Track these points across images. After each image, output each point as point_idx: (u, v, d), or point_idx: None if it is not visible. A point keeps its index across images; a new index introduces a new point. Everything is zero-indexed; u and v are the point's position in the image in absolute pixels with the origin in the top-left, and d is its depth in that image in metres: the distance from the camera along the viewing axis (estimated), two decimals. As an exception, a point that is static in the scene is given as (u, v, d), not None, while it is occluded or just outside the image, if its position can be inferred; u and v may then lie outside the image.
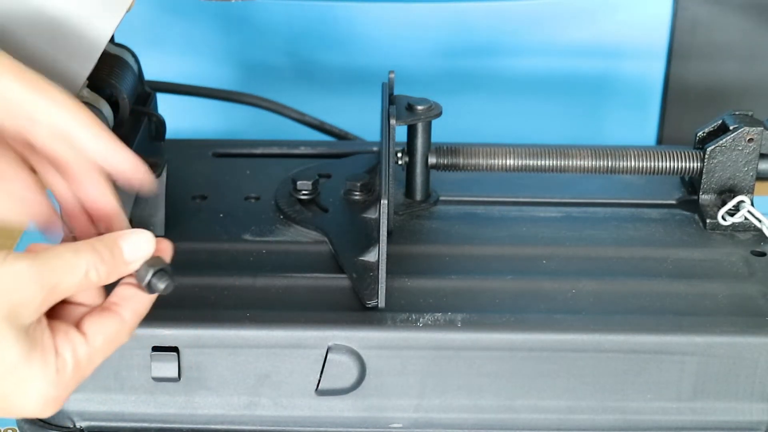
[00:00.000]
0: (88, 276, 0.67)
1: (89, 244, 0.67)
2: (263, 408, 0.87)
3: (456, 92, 1.13)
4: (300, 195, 1.03)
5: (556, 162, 1.00)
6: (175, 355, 0.86)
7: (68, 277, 0.66)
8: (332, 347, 0.86)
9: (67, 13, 0.82)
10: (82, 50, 0.84)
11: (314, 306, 0.88)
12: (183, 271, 0.92)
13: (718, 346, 0.86)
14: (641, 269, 0.94)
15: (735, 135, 0.99)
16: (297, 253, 0.95)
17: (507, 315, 0.87)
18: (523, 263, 0.94)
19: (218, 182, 1.07)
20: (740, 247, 0.97)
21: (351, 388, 0.87)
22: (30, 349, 0.65)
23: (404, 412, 0.88)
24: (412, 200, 1.03)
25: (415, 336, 0.86)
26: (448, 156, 1.01)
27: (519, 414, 0.88)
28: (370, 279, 0.89)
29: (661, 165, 1.00)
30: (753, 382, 0.86)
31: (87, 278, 0.67)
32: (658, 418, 0.87)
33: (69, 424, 0.87)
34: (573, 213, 1.02)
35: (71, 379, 0.67)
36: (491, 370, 0.86)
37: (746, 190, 1.00)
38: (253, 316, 0.87)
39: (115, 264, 0.68)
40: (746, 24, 1.30)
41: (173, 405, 0.87)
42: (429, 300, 0.89)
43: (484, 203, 1.03)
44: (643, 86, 1.34)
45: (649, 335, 0.86)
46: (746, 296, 0.90)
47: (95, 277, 0.67)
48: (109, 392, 0.87)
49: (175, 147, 1.08)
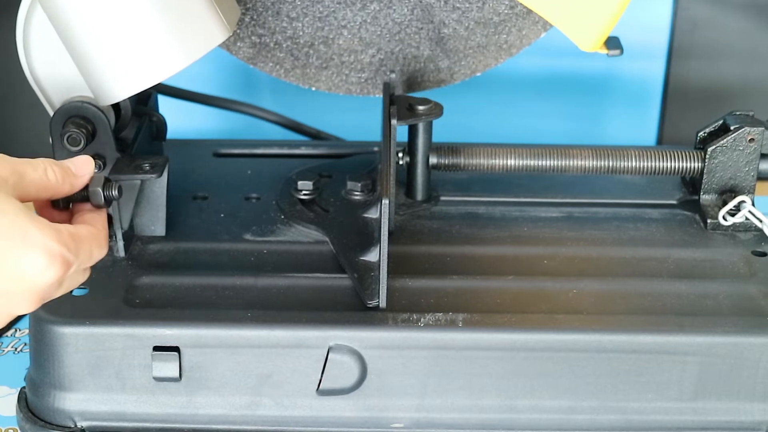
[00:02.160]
0: (47, 174, 0.77)
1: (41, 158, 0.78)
2: (264, 408, 0.87)
3: (457, 92, 1.12)
4: (301, 195, 1.03)
5: (557, 162, 1.00)
6: (177, 354, 0.86)
7: (31, 170, 0.76)
8: (333, 347, 0.86)
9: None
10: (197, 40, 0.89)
11: (315, 306, 0.88)
12: (184, 271, 0.92)
13: (719, 346, 0.86)
14: (642, 269, 0.94)
15: (736, 135, 0.99)
16: (298, 253, 0.95)
17: (508, 315, 0.87)
18: (525, 263, 0.94)
19: (219, 182, 1.07)
20: (741, 247, 0.97)
21: (352, 388, 0.87)
22: (25, 209, 0.72)
23: (405, 412, 0.88)
24: (413, 200, 1.03)
25: (416, 336, 0.86)
26: (449, 156, 1.01)
27: (520, 414, 0.87)
28: (371, 279, 0.89)
29: (662, 165, 1.00)
30: (754, 382, 0.86)
31: (46, 176, 0.77)
32: (659, 418, 0.87)
33: (70, 423, 0.87)
34: (574, 213, 1.02)
35: (69, 242, 0.74)
36: (492, 370, 0.86)
37: (747, 190, 1.00)
38: (255, 316, 0.87)
39: (66, 172, 0.79)
40: (746, 24, 1.30)
41: (174, 405, 0.87)
42: (430, 300, 0.89)
43: (485, 203, 1.03)
44: (643, 86, 1.34)
45: (650, 335, 0.86)
46: (747, 296, 0.90)
47: (52, 177, 0.77)
48: (111, 392, 0.87)
49: (176, 147, 1.08)
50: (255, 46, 1.06)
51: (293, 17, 1.05)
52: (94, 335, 0.86)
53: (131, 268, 0.93)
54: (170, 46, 0.87)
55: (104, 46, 0.87)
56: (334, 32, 1.07)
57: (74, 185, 0.80)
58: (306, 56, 1.08)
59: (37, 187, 0.76)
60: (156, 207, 0.96)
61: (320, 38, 1.07)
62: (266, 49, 1.07)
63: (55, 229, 0.73)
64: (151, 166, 0.93)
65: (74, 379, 0.87)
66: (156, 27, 0.87)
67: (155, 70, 0.88)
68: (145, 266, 0.93)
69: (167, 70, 0.88)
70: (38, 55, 0.92)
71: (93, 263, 0.79)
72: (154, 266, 0.93)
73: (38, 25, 0.91)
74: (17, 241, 0.71)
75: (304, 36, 1.06)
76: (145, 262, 0.94)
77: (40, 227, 0.72)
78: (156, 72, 0.88)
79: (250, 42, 1.06)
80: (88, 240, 0.77)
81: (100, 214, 0.82)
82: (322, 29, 1.06)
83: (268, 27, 1.05)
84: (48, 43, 0.91)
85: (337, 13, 1.05)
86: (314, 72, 1.09)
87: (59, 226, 0.74)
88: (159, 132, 1.06)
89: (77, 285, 0.80)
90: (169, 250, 0.96)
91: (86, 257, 0.77)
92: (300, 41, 1.07)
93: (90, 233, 0.78)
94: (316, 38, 1.07)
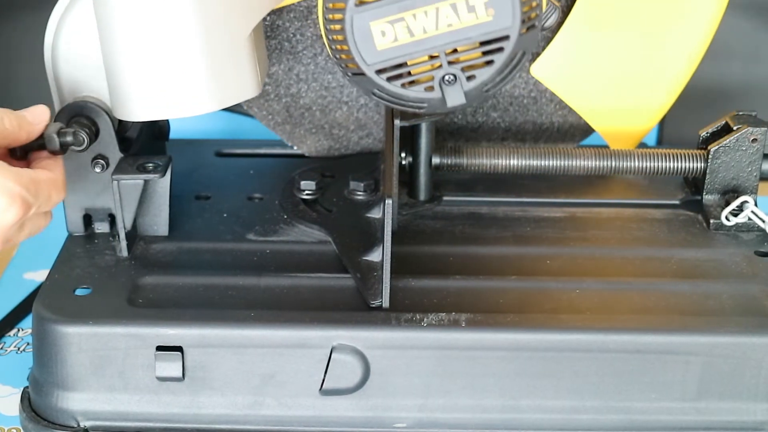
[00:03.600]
0: (3, 123, 0.83)
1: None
2: (267, 408, 0.87)
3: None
4: (304, 195, 1.03)
5: (560, 162, 1.00)
6: (180, 354, 0.86)
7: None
8: (336, 347, 0.86)
9: None
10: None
11: (318, 306, 0.88)
12: (187, 271, 0.92)
13: (722, 346, 0.86)
14: (645, 269, 0.94)
15: (739, 135, 0.99)
16: (301, 253, 0.95)
17: (511, 315, 0.87)
18: (527, 263, 0.94)
19: (222, 182, 1.07)
20: (744, 247, 0.97)
21: (355, 388, 0.87)
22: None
23: (408, 412, 0.88)
24: (415, 200, 1.03)
25: (420, 336, 0.86)
26: (451, 156, 1.01)
27: (523, 414, 0.87)
28: (374, 279, 0.89)
29: (664, 165, 1.00)
30: (757, 382, 0.86)
31: (3, 125, 0.83)
32: (662, 418, 0.87)
33: (73, 423, 0.87)
34: (577, 213, 1.02)
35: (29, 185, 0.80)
36: (495, 369, 0.86)
37: (750, 190, 1.00)
38: (258, 316, 0.87)
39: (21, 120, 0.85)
40: (747, 24, 1.30)
41: (177, 405, 0.87)
42: (433, 300, 0.89)
43: (487, 203, 1.03)
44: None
45: (653, 335, 0.86)
46: (750, 296, 0.90)
47: (9, 125, 0.83)
48: (114, 392, 0.87)
49: (178, 147, 1.09)
50: None
51: (302, 78, 1.07)
52: (98, 335, 0.86)
53: (134, 267, 0.93)
54: (206, 88, 0.88)
55: (143, 69, 0.88)
56: (334, 104, 1.09)
57: (30, 133, 0.85)
58: (300, 117, 1.10)
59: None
60: (159, 207, 0.96)
61: (319, 105, 1.09)
62: (266, 97, 1.08)
63: (16, 172, 0.79)
64: (154, 166, 0.93)
65: (77, 379, 0.87)
66: (199, 66, 0.87)
67: (183, 107, 0.89)
68: (148, 266, 0.93)
69: (194, 109, 0.89)
70: (67, 45, 0.92)
71: (52, 206, 0.85)
72: (157, 266, 0.93)
73: (75, 19, 0.91)
74: None
75: (305, 98, 1.08)
76: (148, 262, 0.94)
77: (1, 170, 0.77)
78: (183, 108, 0.89)
79: None
80: (46, 183, 0.83)
81: (57, 160, 0.87)
82: (324, 98, 1.08)
83: (275, 78, 1.06)
84: (79, 40, 0.91)
85: (344, 88, 1.07)
86: (302, 134, 1.11)
87: (19, 170, 0.80)
88: (162, 132, 1.06)
89: (39, 230, 0.87)
90: (172, 249, 0.96)
91: (45, 199, 0.82)
92: (300, 102, 1.08)
93: (48, 177, 0.83)
94: (316, 104, 1.09)
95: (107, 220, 0.97)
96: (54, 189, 0.84)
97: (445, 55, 0.81)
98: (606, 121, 1.05)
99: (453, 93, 0.83)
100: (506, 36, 0.81)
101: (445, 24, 0.80)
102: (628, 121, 1.05)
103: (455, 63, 0.82)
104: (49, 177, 0.84)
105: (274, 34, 1.04)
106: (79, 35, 0.92)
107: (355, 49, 0.81)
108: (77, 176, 0.95)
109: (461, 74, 0.82)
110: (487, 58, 0.82)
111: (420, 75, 0.82)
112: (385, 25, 0.80)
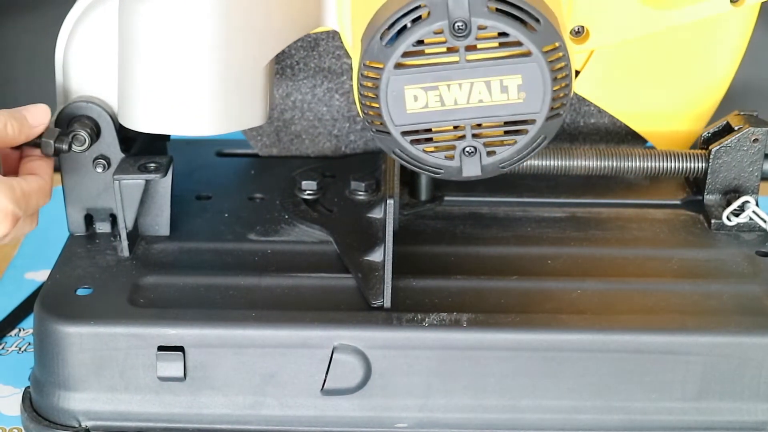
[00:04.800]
0: (6, 129, 0.85)
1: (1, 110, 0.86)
2: (268, 408, 0.87)
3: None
4: (305, 195, 1.03)
5: (561, 162, 1.00)
6: (181, 354, 0.86)
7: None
8: (338, 347, 0.86)
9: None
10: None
11: (319, 306, 0.88)
12: (188, 271, 0.92)
13: (723, 346, 0.86)
14: (646, 269, 0.94)
15: (740, 135, 0.99)
16: (302, 253, 0.95)
17: (512, 315, 0.87)
18: (528, 263, 0.94)
19: (223, 182, 1.07)
20: (745, 247, 0.97)
21: (356, 388, 0.87)
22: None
23: (409, 412, 0.88)
24: (416, 200, 1.03)
25: (421, 336, 0.86)
26: (452, 156, 1.01)
27: (524, 414, 0.88)
28: (376, 279, 0.89)
29: (666, 165, 1.00)
30: (758, 382, 0.86)
31: (5, 131, 0.85)
32: (663, 418, 0.87)
33: (74, 423, 0.87)
34: (578, 213, 1.02)
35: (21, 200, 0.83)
36: (496, 369, 0.86)
37: (751, 190, 1.00)
38: (259, 316, 0.87)
39: (22, 123, 0.86)
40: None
41: (179, 405, 0.87)
42: (434, 300, 0.89)
43: (488, 203, 1.03)
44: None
45: (654, 335, 0.86)
46: (751, 296, 0.90)
47: (11, 130, 0.86)
48: (115, 392, 0.87)
49: (179, 147, 1.08)
50: None
51: (297, 106, 1.08)
52: (99, 335, 0.86)
53: (135, 267, 0.93)
54: (215, 111, 0.89)
55: (157, 82, 0.88)
56: (324, 136, 1.10)
57: (30, 135, 0.88)
58: (289, 143, 1.11)
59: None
60: (160, 207, 0.96)
61: (310, 135, 1.10)
62: None
63: (10, 187, 0.82)
64: (155, 166, 0.93)
65: (79, 379, 0.87)
66: (213, 90, 0.88)
67: (187, 126, 0.90)
68: (149, 266, 0.93)
69: (198, 130, 0.90)
70: (80, 49, 0.92)
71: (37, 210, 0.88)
72: (159, 266, 0.93)
73: (96, 19, 0.91)
74: None
75: (297, 126, 1.09)
76: (150, 262, 0.94)
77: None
78: (186, 127, 0.90)
79: None
80: (36, 193, 0.86)
81: (48, 162, 0.90)
82: (315, 128, 1.09)
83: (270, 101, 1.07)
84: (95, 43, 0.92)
85: (336, 122, 1.09)
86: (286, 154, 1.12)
87: (12, 183, 0.83)
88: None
89: (24, 234, 0.89)
90: (174, 249, 0.96)
91: (33, 208, 0.86)
92: (291, 128, 1.09)
93: (39, 186, 0.86)
94: (306, 133, 1.10)
95: (108, 220, 0.97)
96: (42, 196, 0.87)
97: (470, 128, 0.82)
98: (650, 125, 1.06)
99: (470, 164, 0.83)
100: (533, 120, 0.82)
101: (477, 99, 0.81)
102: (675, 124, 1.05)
103: (479, 137, 0.83)
104: (39, 185, 0.86)
105: (277, 59, 1.05)
106: (92, 41, 0.92)
107: (386, 109, 0.81)
108: (79, 176, 0.95)
109: (482, 148, 0.83)
110: (509, 138, 0.83)
111: (443, 143, 0.83)
112: (418, 91, 0.81)
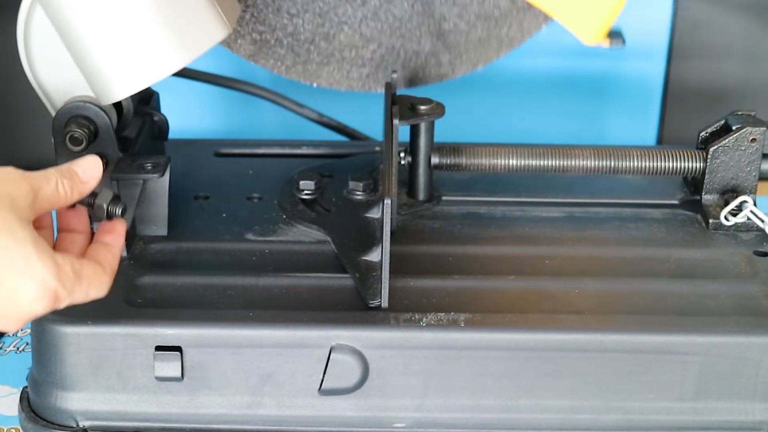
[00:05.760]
0: (58, 188, 0.78)
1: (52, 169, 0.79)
2: (266, 408, 0.87)
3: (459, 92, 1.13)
4: (302, 195, 1.03)
5: (559, 162, 1.00)
6: (178, 354, 0.86)
7: (45, 184, 0.77)
8: (335, 347, 0.86)
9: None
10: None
11: (317, 306, 0.88)
12: (185, 271, 0.92)
13: (720, 346, 0.86)
14: (644, 269, 0.94)
15: (738, 135, 0.99)
16: (300, 253, 0.95)
17: (510, 315, 0.87)
18: (526, 263, 0.94)
19: (221, 182, 1.07)
20: (743, 247, 0.97)
21: (354, 388, 0.87)
22: (35, 237, 0.73)
23: (407, 412, 0.88)
24: (414, 200, 1.03)
25: (418, 336, 0.86)
26: (450, 156, 1.01)
27: (522, 414, 0.88)
28: (373, 279, 0.89)
29: (663, 165, 1.00)
30: (755, 382, 0.86)
31: (57, 190, 0.78)
32: (660, 418, 0.87)
33: (72, 423, 0.87)
34: (575, 213, 1.02)
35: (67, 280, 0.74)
36: (494, 369, 0.86)
37: (749, 190, 1.00)
38: (256, 316, 0.87)
39: (73, 181, 0.79)
40: (746, 24, 1.30)
41: (176, 405, 0.87)
42: (432, 300, 0.89)
43: (486, 203, 1.03)
44: (643, 86, 1.34)
45: (651, 335, 0.86)
46: (749, 296, 0.90)
47: (62, 190, 0.78)
48: (112, 392, 0.87)
49: (177, 147, 1.09)
50: (256, 43, 1.06)
51: (293, 14, 1.06)
52: (96, 335, 0.86)
53: (133, 267, 0.93)
54: (169, 44, 0.87)
55: (102, 46, 0.87)
56: (334, 28, 1.07)
57: (82, 193, 0.81)
58: (307, 53, 1.08)
59: (49, 202, 0.77)
60: (158, 206, 0.96)
61: (321, 34, 1.07)
62: (267, 45, 1.07)
63: (57, 264, 0.74)
64: (153, 165, 0.93)
65: (76, 379, 0.87)
66: (154, 25, 0.87)
67: (154, 69, 0.88)
68: (146, 266, 0.93)
69: (166, 69, 0.88)
70: (39, 55, 0.92)
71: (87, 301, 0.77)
72: (156, 266, 0.93)
73: (39, 25, 0.91)
74: (18, 267, 0.72)
75: (305, 32, 1.07)
76: (147, 262, 0.94)
77: (43, 259, 0.73)
78: (155, 71, 0.88)
79: (251, 39, 1.06)
80: (88, 280, 0.77)
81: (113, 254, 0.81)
82: (322, 25, 1.07)
83: (268, 24, 1.06)
84: (49, 43, 0.91)
85: (338, 9, 1.06)
86: (315, 68, 1.09)
87: (63, 261, 0.74)
88: (161, 132, 1.06)
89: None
90: (171, 249, 0.96)
91: (81, 296, 0.76)
92: (301, 38, 1.07)
93: (94, 273, 0.77)
94: (317, 34, 1.07)
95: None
96: (95, 287, 0.78)
97: None
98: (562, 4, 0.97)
99: None
100: None
101: None
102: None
103: None
104: (96, 272, 0.77)
105: None
106: (48, 39, 0.91)
107: None
108: (76, 176, 0.95)
109: None
110: None
111: None
112: None
